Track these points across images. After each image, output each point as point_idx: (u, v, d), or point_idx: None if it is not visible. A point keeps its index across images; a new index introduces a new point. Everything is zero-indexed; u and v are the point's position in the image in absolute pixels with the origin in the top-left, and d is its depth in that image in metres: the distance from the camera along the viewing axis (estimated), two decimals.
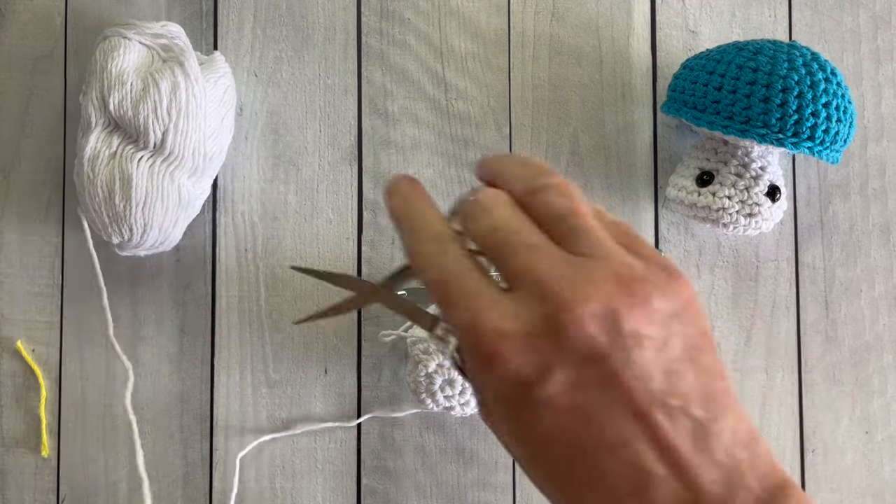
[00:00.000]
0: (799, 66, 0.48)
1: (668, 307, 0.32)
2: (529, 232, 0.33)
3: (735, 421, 0.32)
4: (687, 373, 0.31)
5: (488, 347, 0.31)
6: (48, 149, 0.55)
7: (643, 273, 0.32)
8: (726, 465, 0.31)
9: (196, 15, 0.55)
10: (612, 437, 0.31)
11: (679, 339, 0.32)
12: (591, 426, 0.31)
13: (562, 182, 0.34)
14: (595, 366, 0.31)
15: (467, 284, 0.33)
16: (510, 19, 0.56)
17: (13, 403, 0.54)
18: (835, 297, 0.55)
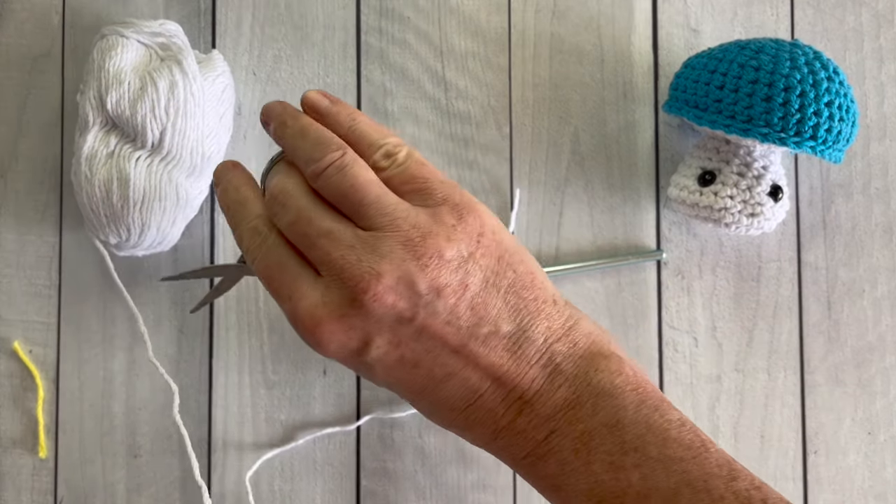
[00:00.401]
0: (801, 65, 0.48)
1: (460, 252, 0.36)
2: (322, 218, 0.36)
3: (547, 321, 0.37)
4: (490, 300, 0.36)
5: (310, 334, 0.36)
6: (45, 148, 0.55)
7: (430, 228, 0.35)
8: (543, 361, 0.36)
9: (194, 13, 0.55)
10: (441, 373, 0.36)
11: (477, 275, 0.36)
12: (420, 370, 0.36)
13: (336, 156, 0.37)
14: (407, 325, 0.35)
15: (285, 274, 0.37)
16: (510, 18, 0.56)
17: (10, 404, 0.54)
18: (837, 297, 0.55)
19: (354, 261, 0.35)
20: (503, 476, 0.54)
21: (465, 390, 0.37)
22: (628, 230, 0.55)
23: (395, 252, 0.35)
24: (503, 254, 0.37)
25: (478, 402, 0.37)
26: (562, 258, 0.55)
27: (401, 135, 0.55)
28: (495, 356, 0.36)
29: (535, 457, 0.37)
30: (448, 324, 0.35)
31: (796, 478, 0.54)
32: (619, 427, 0.35)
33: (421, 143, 0.55)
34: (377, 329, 0.35)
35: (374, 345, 0.36)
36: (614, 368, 0.37)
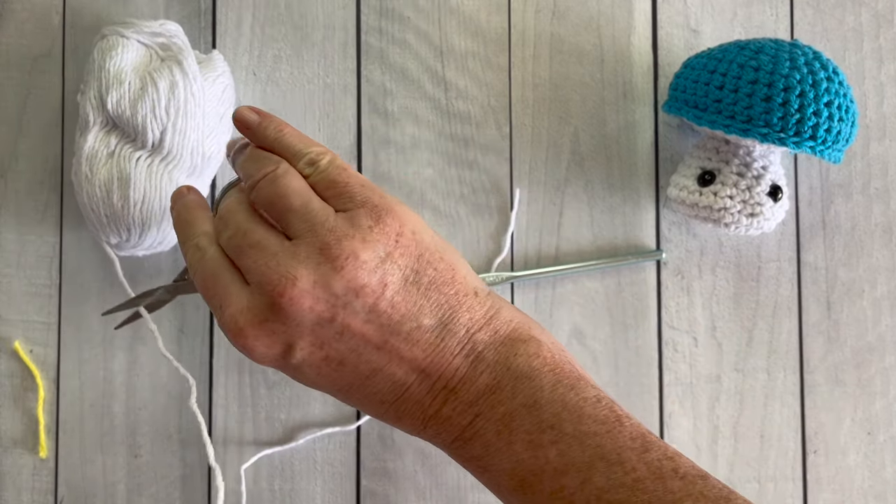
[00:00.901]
0: (801, 65, 0.48)
1: (377, 252, 0.37)
2: (255, 231, 0.38)
3: (468, 313, 0.38)
4: (411, 297, 0.37)
5: (235, 339, 0.37)
6: (46, 148, 0.55)
7: (346, 231, 0.37)
8: (465, 350, 0.38)
9: (194, 13, 0.55)
10: (367, 370, 0.38)
11: (396, 274, 0.37)
12: (346, 368, 0.38)
13: (270, 168, 0.39)
14: (328, 326, 0.37)
15: (218, 285, 0.38)
16: (510, 18, 0.56)
17: (11, 404, 0.54)
18: (837, 297, 0.55)
19: (274, 266, 0.37)
20: None
21: (392, 384, 0.38)
22: (628, 230, 0.55)
23: (312, 257, 0.36)
24: (423, 252, 0.38)
25: (405, 394, 0.38)
26: (562, 258, 0.55)
27: (401, 135, 0.55)
28: (418, 350, 0.37)
29: (462, 440, 0.38)
30: (368, 322, 0.37)
31: (796, 478, 0.54)
32: (537, 407, 0.37)
33: (421, 143, 0.55)
34: (298, 332, 0.37)
35: (297, 347, 0.37)
36: (532, 352, 0.38)
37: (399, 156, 0.55)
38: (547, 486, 0.36)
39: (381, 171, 0.55)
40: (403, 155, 0.55)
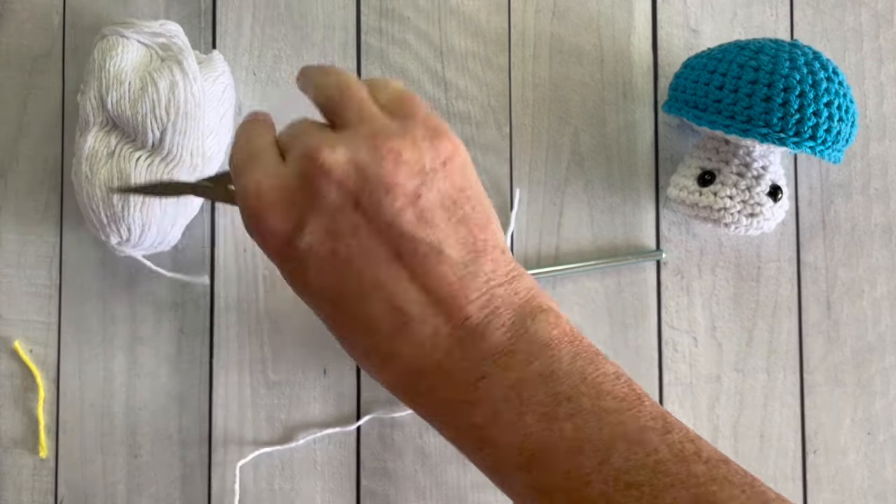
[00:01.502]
0: (801, 65, 0.48)
1: (421, 161, 0.34)
2: (307, 122, 0.37)
3: (492, 264, 0.35)
4: (440, 221, 0.34)
5: (249, 206, 0.35)
6: (46, 148, 0.55)
7: (398, 130, 0.35)
8: (482, 301, 0.35)
9: (194, 13, 0.55)
10: (371, 280, 0.34)
11: (433, 191, 0.34)
12: (350, 270, 0.34)
13: (340, 72, 0.38)
14: (347, 214, 0.34)
15: (253, 158, 0.36)
16: (510, 18, 0.56)
17: (11, 404, 0.54)
18: (837, 297, 0.55)
19: (315, 138, 0.35)
20: None
21: (394, 309, 0.34)
22: (628, 230, 0.55)
23: (356, 140, 0.34)
24: (466, 187, 0.36)
25: (404, 327, 0.35)
26: (562, 258, 0.55)
27: None
28: (435, 276, 0.34)
29: (460, 404, 0.35)
30: (390, 225, 0.34)
31: (796, 478, 0.54)
32: (554, 378, 0.34)
33: None
34: (316, 208, 0.34)
35: (308, 227, 0.34)
36: (552, 321, 0.35)
37: None
38: (561, 464, 0.33)
39: None
40: None
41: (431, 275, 0.34)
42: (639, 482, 0.32)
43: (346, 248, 0.34)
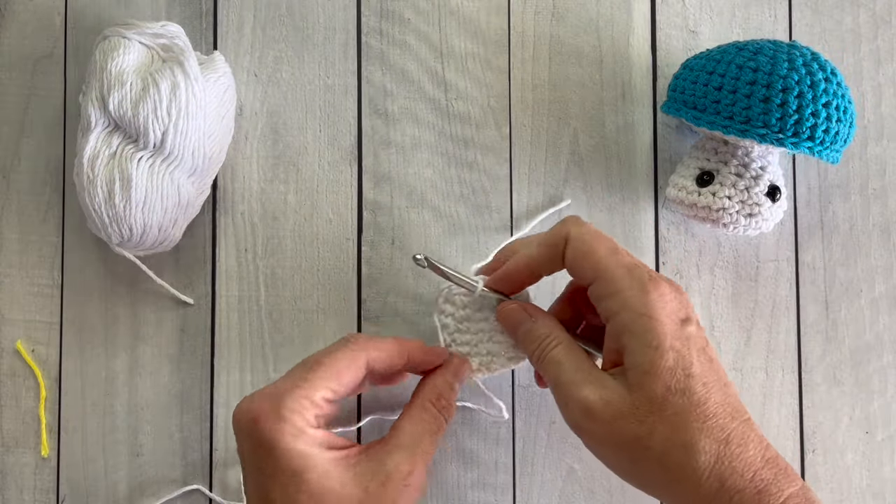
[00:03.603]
0: (799, 66, 0.48)
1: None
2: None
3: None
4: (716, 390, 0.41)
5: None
6: (48, 149, 0.55)
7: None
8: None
9: (196, 15, 0.55)
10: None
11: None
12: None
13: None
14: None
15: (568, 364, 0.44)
16: (510, 19, 0.56)
17: (13, 403, 0.54)
18: (835, 297, 0.55)
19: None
20: (503, 475, 0.54)
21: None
22: (627, 230, 0.55)
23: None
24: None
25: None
26: None
27: (401, 135, 0.55)
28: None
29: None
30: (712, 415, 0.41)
31: None
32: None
33: (421, 144, 0.55)
34: (658, 418, 0.40)
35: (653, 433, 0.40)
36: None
37: (399, 156, 0.55)
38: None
39: (381, 171, 0.55)
40: (403, 155, 0.55)
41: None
42: None
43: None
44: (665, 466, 0.39)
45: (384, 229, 0.55)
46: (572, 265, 0.44)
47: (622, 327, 0.41)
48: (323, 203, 0.55)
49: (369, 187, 0.55)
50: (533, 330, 0.45)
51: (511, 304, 0.47)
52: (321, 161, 0.55)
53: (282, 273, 0.54)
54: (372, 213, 0.55)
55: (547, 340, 0.44)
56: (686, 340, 0.41)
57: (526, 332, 0.46)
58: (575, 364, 0.43)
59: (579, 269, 0.43)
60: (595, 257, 0.42)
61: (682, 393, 0.40)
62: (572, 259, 0.43)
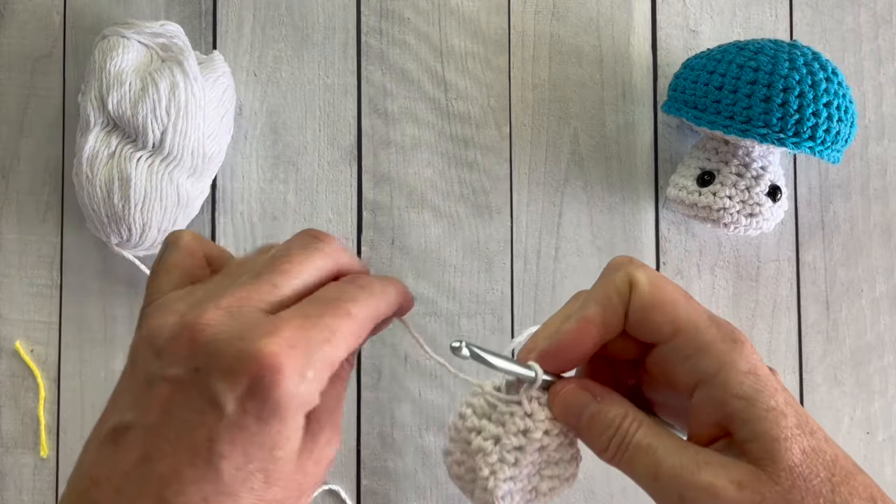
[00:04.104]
0: (800, 65, 0.48)
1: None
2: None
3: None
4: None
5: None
6: (47, 149, 0.55)
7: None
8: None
9: (195, 14, 0.55)
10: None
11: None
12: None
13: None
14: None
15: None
16: (510, 19, 0.56)
17: (12, 404, 0.54)
18: (836, 297, 0.55)
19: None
20: None
21: None
22: (627, 230, 0.55)
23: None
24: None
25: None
26: (561, 258, 0.55)
27: (401, 135, 0.55)
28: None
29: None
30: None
31: None
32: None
33: (421, 144, 0.55)
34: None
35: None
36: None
37: (399, 156, 0.55)
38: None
39: (380, 171, 0.55)
40: (403, 155, 0.55)
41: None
42: None
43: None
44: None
45: (384, 229, 0.55)
46: (642, 320, 0.34)
47: (727, 392, 0.33)
48: (322, 203, 0.55)
49: (369, 187, 0.55)
50: (601, 413, 0.35)
51: (568, 385, 0.36)
52: (321, 161, 0.55)
53: None
54: (371, 213, 0.55)
55: (626, 423, 0.35)
56: (786, 391, 0.34)
57: (592, 418, 0.35)
58: (672, 446, 0.34)
59: (652, 325, 0.34)
60: (676, 309, 0.34)
61: (818, 454, 0.33)
62: (642, 312, 0.34)
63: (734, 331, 0.34)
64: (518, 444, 0.35)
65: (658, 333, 0.34)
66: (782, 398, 0.33)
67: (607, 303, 0.35)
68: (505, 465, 0.35)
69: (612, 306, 0.35)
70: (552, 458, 0.37)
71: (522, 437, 0.35)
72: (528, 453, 0.36)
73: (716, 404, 0.33)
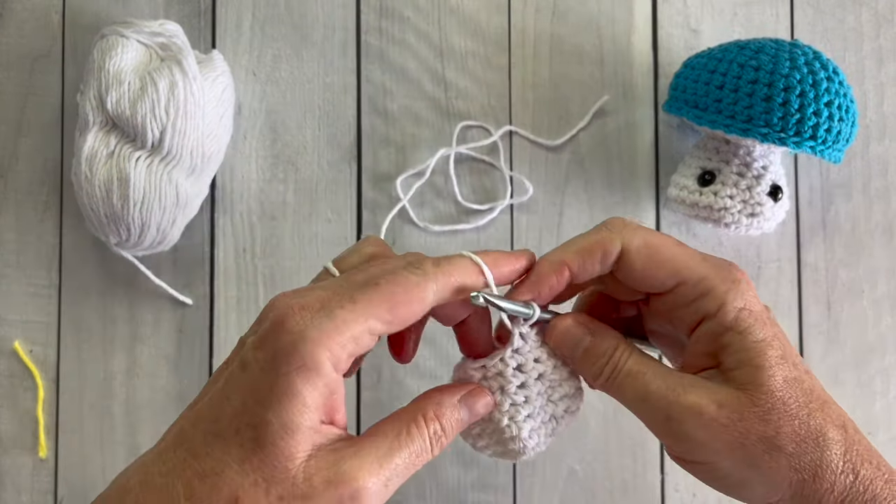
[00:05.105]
0: (801, 65, 0.48)
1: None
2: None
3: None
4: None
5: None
6: (46, 148, 0.55)
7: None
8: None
9: (194, 13, 0.55)
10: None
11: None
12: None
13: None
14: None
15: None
16: (510, 17, 0.56)
17: (11, 404, 0.54)
18: (837, 297, 0.55)
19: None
20: (503, 475, 0.54)
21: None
22: None
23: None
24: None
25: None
26: None
27: (400, 134, 0.55)
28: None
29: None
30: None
31: None
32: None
33: (421, 144, 0.55)
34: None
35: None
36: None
37: (399, 156, 0.55)
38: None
39: (380, 170, 0.55)
40: (403, 155, 0.55)
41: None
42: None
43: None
44: (797, 467, 0.35)
45: (383, 229, 0.54)
46: (644, 278, 0.38)
47: (723, 326, 0.36)
48: (322, 202, 0.55)
49: (368, 187, 0.55)
50: (594, 346, 0.39)
51: (566, 321, 0.39)
52: (320, 160, 0.55)
53: (281, 273, 0.54)
54: (371, 212, 0.55)
55: (618, 354, 0.38)
56: (776, 326, 0.37)
57: (586, 351, 0.39)
58: (660, 371, 0.37)
59: (654, 281, 0.38)
60: (675, 263, 0.37)
61: (797, 382, 0.36)
62: (644, 268, 0.37)
63: (731, 269, 0.38)
64: (520, 382, 0.39)
65: (662, 287, 0.38)
66: (770, 332, 0.36)
67: (587, 256, 0.38)
68: (518, 406, 0.39)
69: (591, 260, 0.38)
70: (554, 381, 0.40)
71: (521, 374, 0.39)
72: (532, 385, 0.39)
73: (711, 336, 0.37)
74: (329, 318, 0.32)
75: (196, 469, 0.32)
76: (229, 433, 0.32)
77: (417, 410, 0.37)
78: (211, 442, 0.33)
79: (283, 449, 0.32)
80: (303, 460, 0.32)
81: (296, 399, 0.32)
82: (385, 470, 0.35)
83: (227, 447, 0.32)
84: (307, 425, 0.32)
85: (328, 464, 0.33)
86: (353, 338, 0.33)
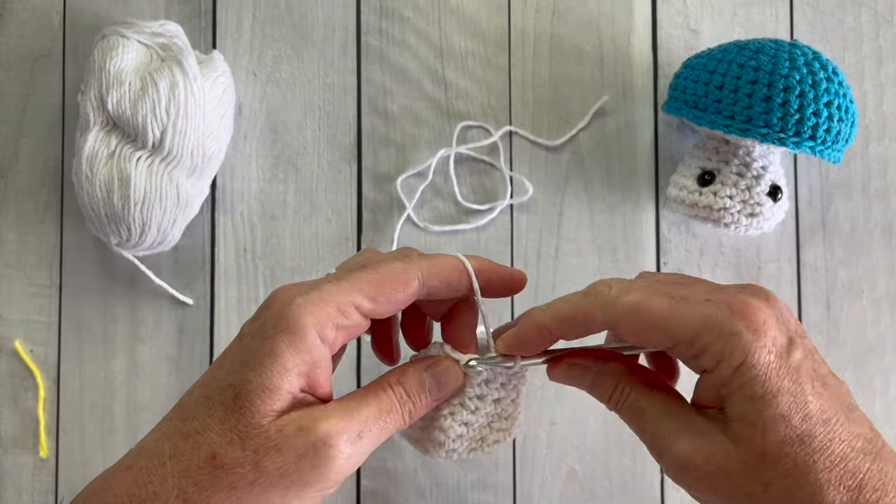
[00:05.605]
0: (800, 65, 0.48)
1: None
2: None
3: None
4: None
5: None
6: (46, 148, 0.55)
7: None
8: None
9: (195, 14, 0.55)
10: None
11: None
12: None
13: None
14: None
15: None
16: (510, 18, 0.56)
17: (11, 404, 0.54)
18: (836, 297, 0.55)
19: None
20: (503, 475, 0.54)
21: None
22: (628, 230, 0.55)
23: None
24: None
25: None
26: (561, 258, 0.55)
27: (401, 134, 0.55)
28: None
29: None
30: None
31: None
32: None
33: (421, 144, 0.55)
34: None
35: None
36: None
37: (399, 156, 0.55)
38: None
39: (380, 171, 0.55)
40: (403, 155, 0.55)
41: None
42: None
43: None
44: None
45: (384, 229, 0.55)
46: (637, 337, 0.37)
47: (720, 381, 0.35)
48: (322, 203, 0.55)
49: (369, 187, 0.55)
50: (598, 383, 0.40)
51: (561, 366, 0.40)
52: (320, 160, 0.55)
53: (281, 273, 0.54)
54: (371, 212, 0.55)
55: (617, 393, 0.39)
56: (796, 373, 0.35)
57: (591, 387, 0.40)
58: (657, 412, 0.37)
59: (646, 341, 0.37)
60: (668, 322, 0.36)
61: (801, 441, 0.34)
62: (636, 333, 0.37)
63: (733, 319, 0.35)
64: (480, 394, 0.40)
65: (659, 346, 0.37)
66: (775, 386, 0.34)
67: (567, 323, 0.38)
68: (465, 410, 0.40)
69: (573, 327, 0.38)
70: (503, 413, 0.41)
71: (485, 387, 0.40)
72: (484, 405, 0.40)
73: (712, 387, 0.36)
74: (317, 291, 0.35)
75: (182, 430, 0.34)
76: (215, 394, 0.34)
77: (382, 379, 0.38)
78: (200, 404, 0.34)
79: (259, 407, 0.33)
80: (276, 417, 0.34)
81: (277, 360, 0.33)
82: (355, 420, 0.35)
83: (212, 408, 0.34)
84: (286, 388, 0.33)
85: (299, 416, 0.34)
86: (339, 308, 0.35)
